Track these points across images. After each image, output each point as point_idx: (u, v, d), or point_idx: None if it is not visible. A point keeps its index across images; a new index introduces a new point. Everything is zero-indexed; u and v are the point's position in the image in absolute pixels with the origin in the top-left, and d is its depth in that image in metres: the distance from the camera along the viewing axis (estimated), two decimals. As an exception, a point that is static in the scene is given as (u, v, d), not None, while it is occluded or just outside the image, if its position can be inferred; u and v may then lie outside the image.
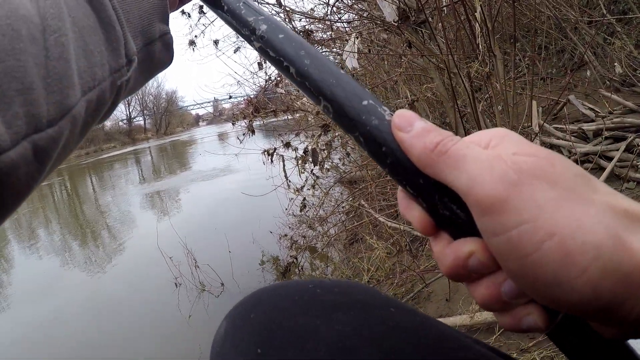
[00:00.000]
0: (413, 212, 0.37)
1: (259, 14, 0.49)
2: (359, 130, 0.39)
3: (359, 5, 4.41)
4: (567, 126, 3.37)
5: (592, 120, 3.35)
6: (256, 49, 0.49)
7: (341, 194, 5.87)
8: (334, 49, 5.28)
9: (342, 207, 5.21)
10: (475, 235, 0.33)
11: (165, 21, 0.51)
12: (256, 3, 0.52)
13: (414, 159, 0.35)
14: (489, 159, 0.32)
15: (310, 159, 4.33)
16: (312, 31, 4.39)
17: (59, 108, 0.35)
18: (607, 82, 3.96)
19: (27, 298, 5.79)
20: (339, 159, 6.38)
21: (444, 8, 2.99)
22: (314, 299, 0.55)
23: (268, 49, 0.46)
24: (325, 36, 4.80)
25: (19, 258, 7.96)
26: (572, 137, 3.34)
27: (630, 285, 0.27)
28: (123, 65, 0.44)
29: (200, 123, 71.18)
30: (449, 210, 0.35)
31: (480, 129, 2.96)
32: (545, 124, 3.70)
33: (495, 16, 2.59)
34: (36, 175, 0.35)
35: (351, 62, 4.55)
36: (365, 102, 0.39)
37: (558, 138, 3.59)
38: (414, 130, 0.35)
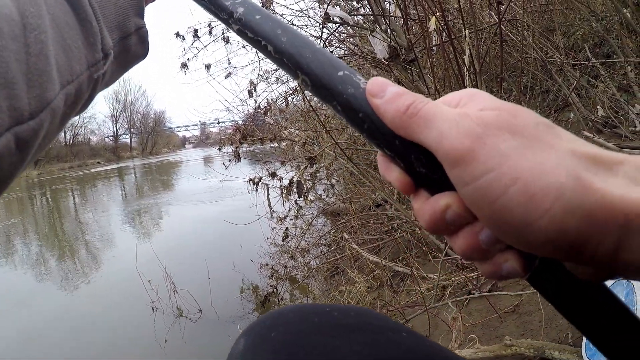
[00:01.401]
0: (392, 173, 0.39)
1: None
2: (336, 99, 0.40)
3: (351, 40, 4.48)
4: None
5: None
6: (235, 31, 0.50)
7: (324, 225, 5.87)
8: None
9: (325, 239, 5.20)
10: (450, 190, 0.35)
11: (141, 15, 0.54)
12: None
13: (388, 122, 0.37)
14: (455, 116, 0.34)
15: (295, 190, 4.34)
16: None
17: (39, 101, 0.37)
18: (590, 123, 4.03)
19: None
20: (323, 190, 6.39)
21: (433, 47, 3.05)
22: (332, 321, 0.58)
23: (246, 30, 0.48)
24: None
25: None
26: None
27: (594, 222, 0.28)
28: (100, 60, 0.46)
29: (187, 145, 70.98)
30: (424, 167, 0.36)
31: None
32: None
33: (483, 58, 2.64)
34: (18, 165, 0.38)
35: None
36: (340, 73, 0.41)
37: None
38: (386, 96, 0.37)
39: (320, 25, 3.58)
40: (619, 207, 0.28)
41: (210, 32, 5.28)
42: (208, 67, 5.74)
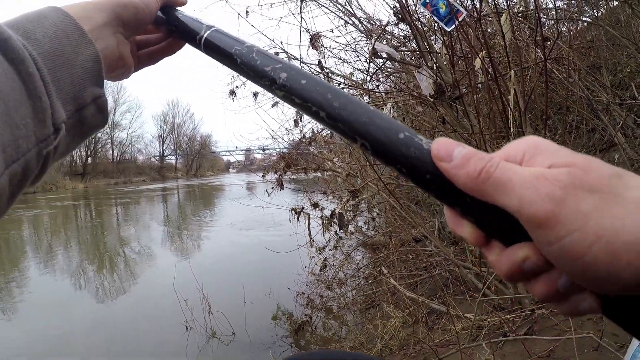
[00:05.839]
0: (464, 229, 0.40)
1: (275, 62, 0.50)
2: (400, 162, 0.40)
3: (397, 75, 4.53)
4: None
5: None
6: (280, 98, 0.49)
7: (363, 257, 5.87)
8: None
9: (362, 272, 5.19)
10: (526, 240, 0.36)
11: (100, 84, 0.51)
12: (269, 51, 0.54)
13: (459, 185, 0.37)
14: (532, 179, 0.34)
15: (336, 222, 4.36)
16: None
17: None
18: (636, 164, 3.94)
19: (38, 313, 5.92)
20: (364, 222, 6.41)
21: (479, 85, 3.06)
22: None
23: (293, 96, 0.47)
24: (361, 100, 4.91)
25: (34, 275, 8.08)
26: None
27: None
28: (49, 135, 0.44)
29: (231, 170, 71.96)
30: (498, 222, 0.37)
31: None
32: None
33: (529, 96, 2.64)
34: None
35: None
36: (401, 135, 0.40)
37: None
38: (455, 159, 0.38)
39: (367, 60, 3.64)
40: None
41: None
42: (255, 95, 5.85)
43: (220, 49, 0.56)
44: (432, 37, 3.83)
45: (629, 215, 0.32)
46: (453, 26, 2.44)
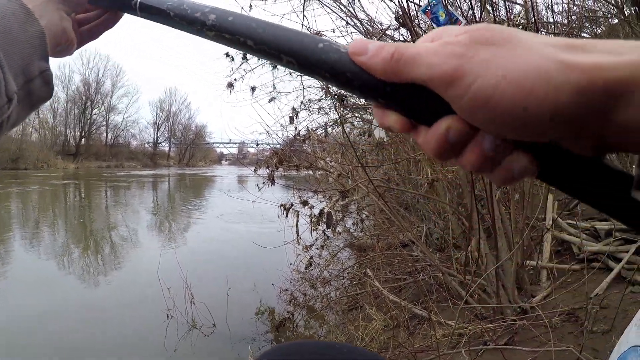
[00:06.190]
0: (390, 118, 0.41)
1: (204, 7, 0.54)
2: (323, 69, 0.43)
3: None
4: (579, 223, 3.39)
5: (606, 219, 3.37)
6: (211, 38, 0.53)
7: (349, 258, 5.88)
8: (365, 115, 5.43)
9: (347, 273, 5.20)
10: (447, 114, 0.37)
11: (45, 59, 0.56)
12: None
13: (378, 74, 0.39)
14: (437, 47, 0.36)
15: (324, 221, 4.35)
16: (345, 96, 4.51)
17: None
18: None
19: (20, 291, 5.88)
20: (353, 223, 6.43)
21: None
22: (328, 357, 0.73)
23: (223, 33, 0.51)
24: (358, 102, 4.93)
25: (19, 254, 8.04)
26: (584, 235, 3.36)
27: (581, 93, 0.31)
28: (4, 105, 0.48)
29: (223, 162, 71.62)
30: (418, 103, 0.39)
31: (493, 214, 2.99)
32: (559, 218, 3.71)
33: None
34: None
35: (379, 133, 4.63)
36: (321, 45, 0.43)
37: (570, 234, 3.60)
38: (370, 52, 0.40)
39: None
40: (598, 75, 0.31)
41: (259, 56, 5.38)
42: (253, 89, 5.83)
43: (154, 8, 0.60)
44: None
45: (527, 53, 0.33)
46: (452, 34, 2.45)
